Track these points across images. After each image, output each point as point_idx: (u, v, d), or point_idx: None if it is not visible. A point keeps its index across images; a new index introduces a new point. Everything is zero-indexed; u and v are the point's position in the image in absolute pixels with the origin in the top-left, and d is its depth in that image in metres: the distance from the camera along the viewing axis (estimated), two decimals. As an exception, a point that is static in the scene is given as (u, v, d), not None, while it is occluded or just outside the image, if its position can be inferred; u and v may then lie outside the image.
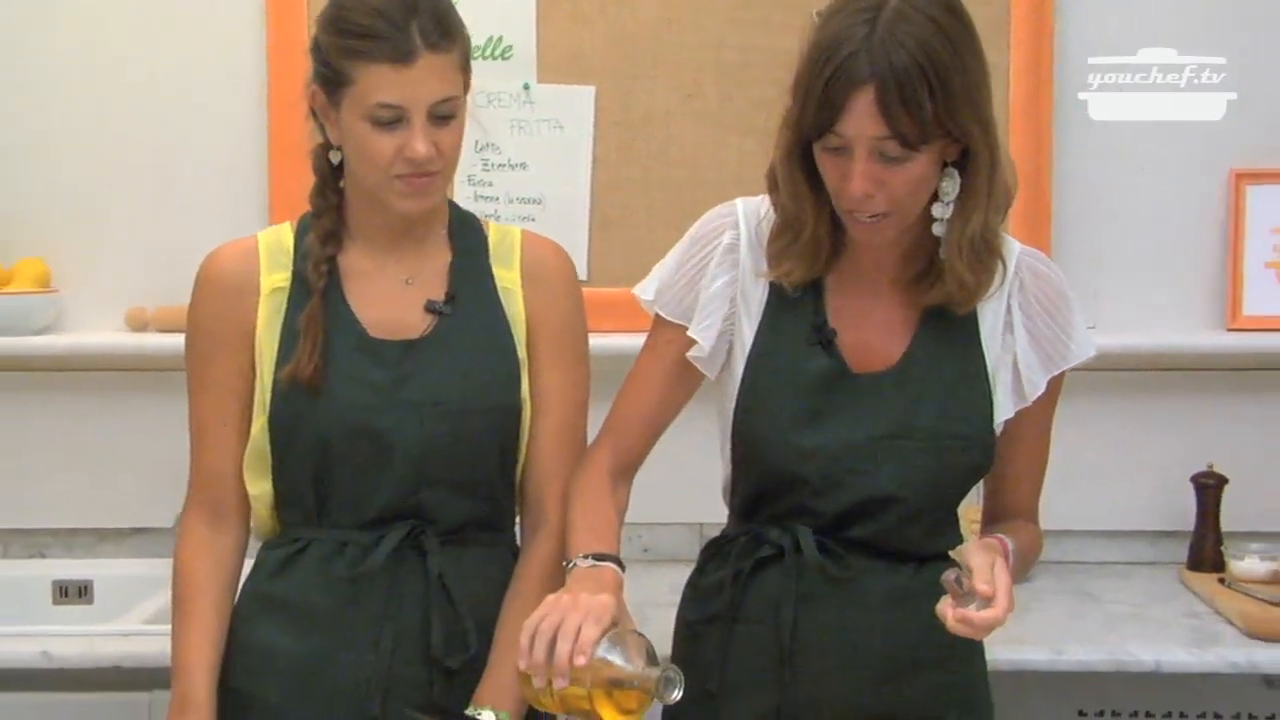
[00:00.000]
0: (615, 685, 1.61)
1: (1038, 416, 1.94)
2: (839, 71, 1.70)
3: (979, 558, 1.74)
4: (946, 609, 1.70)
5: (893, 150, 1.72)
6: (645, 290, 1.96)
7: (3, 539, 3.09)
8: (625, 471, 1.96)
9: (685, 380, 1.95)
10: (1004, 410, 1.90)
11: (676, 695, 1.62)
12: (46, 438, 3.07)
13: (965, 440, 1.88)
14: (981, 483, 2.00)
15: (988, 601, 1.69)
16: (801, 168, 1.82)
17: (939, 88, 1.70)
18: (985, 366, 1.89)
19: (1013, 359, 1.90)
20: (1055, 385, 1.93)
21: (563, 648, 1.61)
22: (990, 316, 1.90)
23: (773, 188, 1.87)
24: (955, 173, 1.80)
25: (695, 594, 2.02)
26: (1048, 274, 1.93)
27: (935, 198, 1.81)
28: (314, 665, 1.92)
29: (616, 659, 1.62)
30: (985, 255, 1.84)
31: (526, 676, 1.65)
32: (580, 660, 1.60)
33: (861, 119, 1.71)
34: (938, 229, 1.83)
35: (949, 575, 1.71)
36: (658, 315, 1.95)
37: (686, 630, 2.01)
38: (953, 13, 1.75)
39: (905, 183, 1.76)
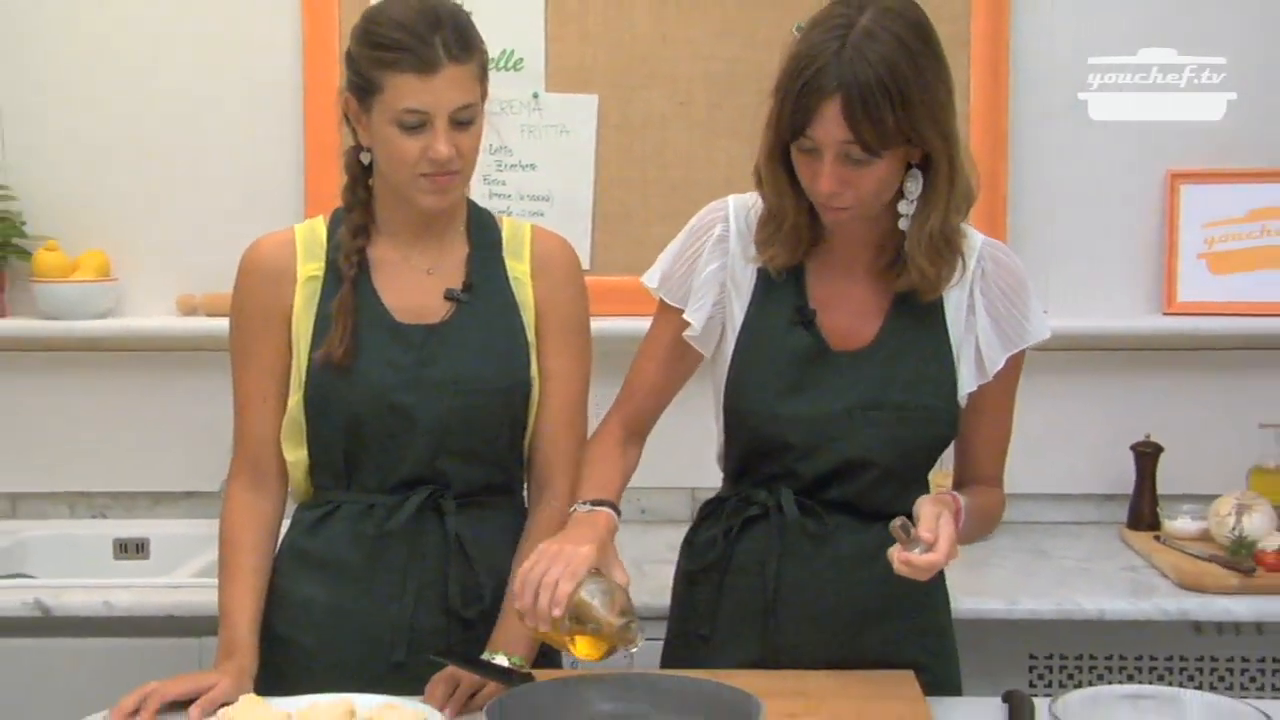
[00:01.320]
0: (589, 628, 1.68)
1: (1000, 392, 1.93)
2: (811, 82, 1.70)
3: (927, 508, 1.75)
4: (894, 552, 1.71)
5: (857, 154, 1.72)
6: (650, 278, 1.97)
7: (68, 501, 3.11)
8: (635, 434, 1.98)
9: (685, 356, 1.96)
10: (967, 384, 1.89)
11: (635, 647, 1.69)
12: (107, 411, 3.08)
13: (931, 411, 1.88)
14: (952, 451, 1.99)
15: (931, 547, 1.70)
16: (782, 165, 1.82)
17: (900, 101, 1.70)
18: (950, 345, 1.89)
19: (975, 339, 1.89)
20: (1016, 363, 1.92)
21: (543, 599, 1.65)
22: (955, 301, 1.89)
23: (758, 183, 1.87)
24: (919, 174, 1.80)
25: (691, 549, 2.02)
26: (1008, 263, 1.92)
27: (902, 195, 1.81)
28: (344, 614, 1.92)
29: (594, 606, 1.67)
30: (945, 250, 1.83)
31: (522, 614, 1.71)
32: (556, 612, 1.64)
33: (829, 125, 1.71)
34: (903, 224, 1.83)
35: (896, 523, 1.71)
36: (661, 299, 1.96)
37: (685, 578, 2.02)
38: (918, 32, 1.74)
39: (869, 182, 1.76)
